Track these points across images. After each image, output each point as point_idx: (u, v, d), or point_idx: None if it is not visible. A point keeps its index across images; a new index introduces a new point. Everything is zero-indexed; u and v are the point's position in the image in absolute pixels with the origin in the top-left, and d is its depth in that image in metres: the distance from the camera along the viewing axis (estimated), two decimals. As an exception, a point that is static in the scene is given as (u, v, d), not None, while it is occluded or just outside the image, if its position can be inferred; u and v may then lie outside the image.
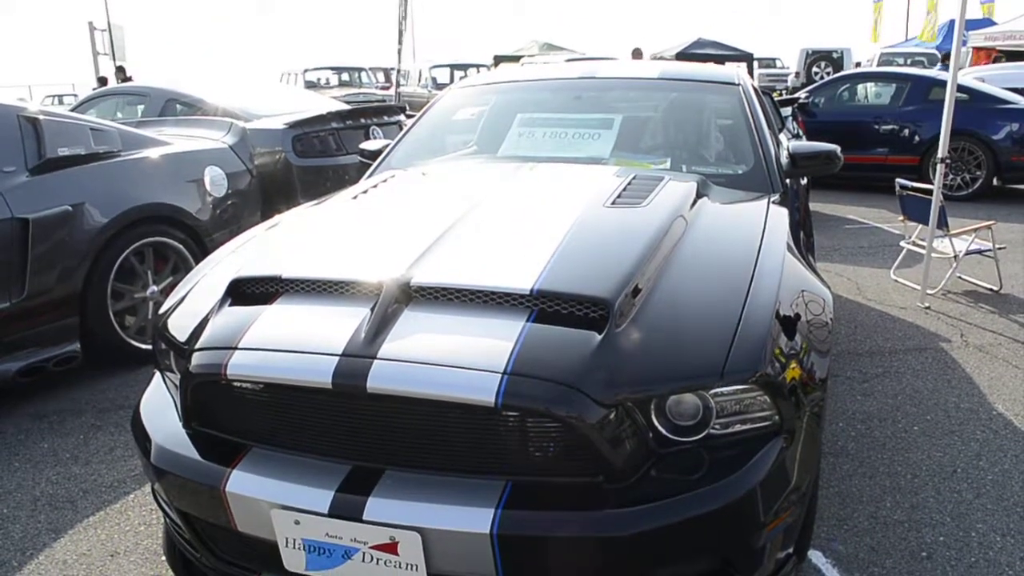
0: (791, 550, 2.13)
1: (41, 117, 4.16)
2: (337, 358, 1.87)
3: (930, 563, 2.63)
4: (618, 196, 2.66)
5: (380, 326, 1.93)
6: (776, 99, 7.98)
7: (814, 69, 22.64)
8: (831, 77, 12.32)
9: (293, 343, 1.95)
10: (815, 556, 2.66)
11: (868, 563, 2.63)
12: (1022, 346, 4.65)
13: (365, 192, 3.04)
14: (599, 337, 1.85)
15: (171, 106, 6.46)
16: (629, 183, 2.80)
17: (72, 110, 7.40)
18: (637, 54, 17.32)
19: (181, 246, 4.57)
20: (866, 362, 4.42)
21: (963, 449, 3.41)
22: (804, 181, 4.41)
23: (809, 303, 2.31)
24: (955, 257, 5.57)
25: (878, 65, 20.60)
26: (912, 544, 2.73)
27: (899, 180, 5.92)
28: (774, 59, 30.15)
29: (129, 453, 3.45)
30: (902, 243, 6.15)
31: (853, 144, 8.95)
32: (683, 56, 20.65)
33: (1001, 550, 2.70)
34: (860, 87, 10.92)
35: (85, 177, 4.20)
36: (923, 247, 5.64)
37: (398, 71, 11.16)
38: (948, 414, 3.75)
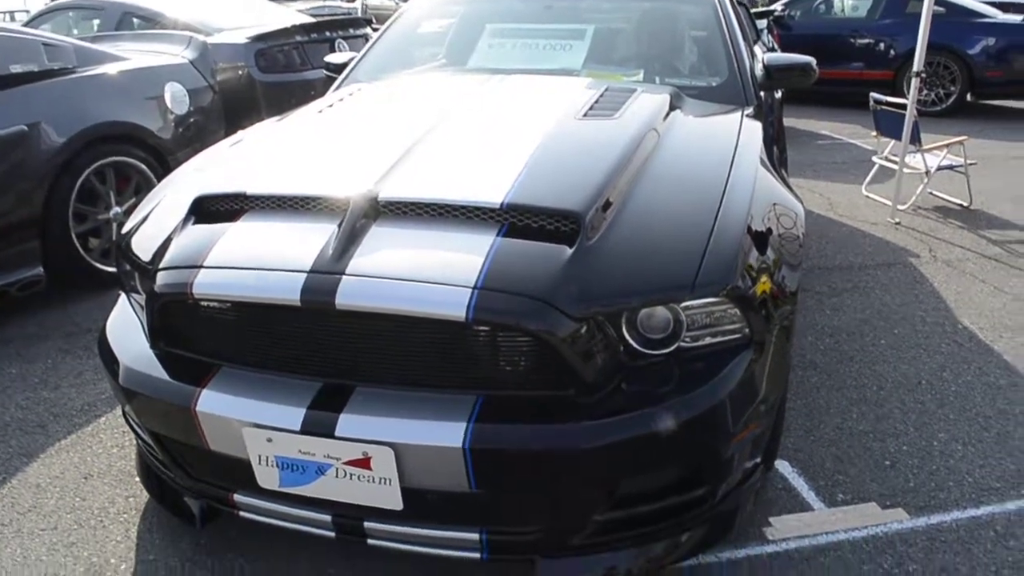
0: (759, 460, 2.17)
1: (-10, 33, 3.99)
2: (305, 275, 1.83)
3: (893, 471, 2.69)
4: (590, 108, 2.61)
5: (348, 242, 1.89)
6: (752, 12, 7.83)
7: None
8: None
9: (260, 260, 1.92)
10: (782, 465, 2.72)
11: (834, 471, 2.69)
12: (989, 261, 4.71)
13: (331, 106, 2.95)
14: (570, 251, 1.83)
15: (127, 20, 6.22)
16: (601, 95, 2.74)
17: (24, 26, 7.10)
18: None
19: (143, 166, 4.45)
20: (836, 277, 4.46)
21: (928, 362, 3.47)
22: (778, 95, 4.36)
23: (781, 217, 2.30)
24: (927, 173, 5.58)
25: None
26: (876, 453, 2.79)
27: (873, 95, 5.88)
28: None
29: (98, 376, 3.42)
30: (874, 159, 6.14)
31: (828, 58, 8.84)
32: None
33: (962, 458, 2.77)
34: (837, 0, 10.75)
35: (40, 95, 4.04)
36: (895, 163, 5.64)
37: None
38: (915, 328, 3.80)
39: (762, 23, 7.89)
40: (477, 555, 1.95)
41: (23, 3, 22.90)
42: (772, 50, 7.44)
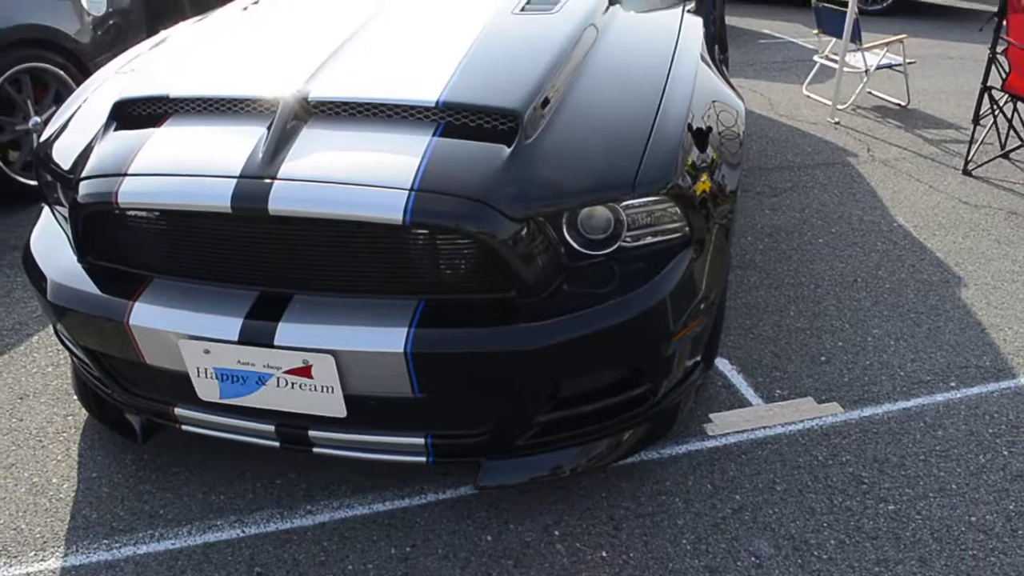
0: (699, 358, 2.20)
1: None
2: (235, 180, 1.77)
3: (829, 367, 2.77)
4: (527, 2, 2.53)
5: (279, 145, 1.82)
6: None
7: None
8: None
9: (187, 166, 1.84)
10: (722, 363, 2.78)
11: (771, 368, 2.76)
12: (925, 160, 4.78)
13: (256, 3, 2.81)
14: (508, 150, 1.79)
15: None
16: (539, -10, 2.65)
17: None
18: None
19: (61, 71, 4.21)
20: (775, 177, 4.49)
21: (864, 260, 3.54)
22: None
23: (721, 114, 2.28)
24: (866, 72, 5.59)
25: None
26: (812, 350, 2.87)
27: (815, -8, 5.83)
28: None
29: (27, 295, 3.31)
30: (815, 58, 6.13)
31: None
32: None
33: (894, 353, 2.86)
34: None
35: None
36: (836, 62, 5.63)
37: None
38: (852, 226, 3.87)
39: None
40: (423, 459, 1.97)
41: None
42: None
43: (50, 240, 2.23)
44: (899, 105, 5.82)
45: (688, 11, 2.82)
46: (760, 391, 2.64)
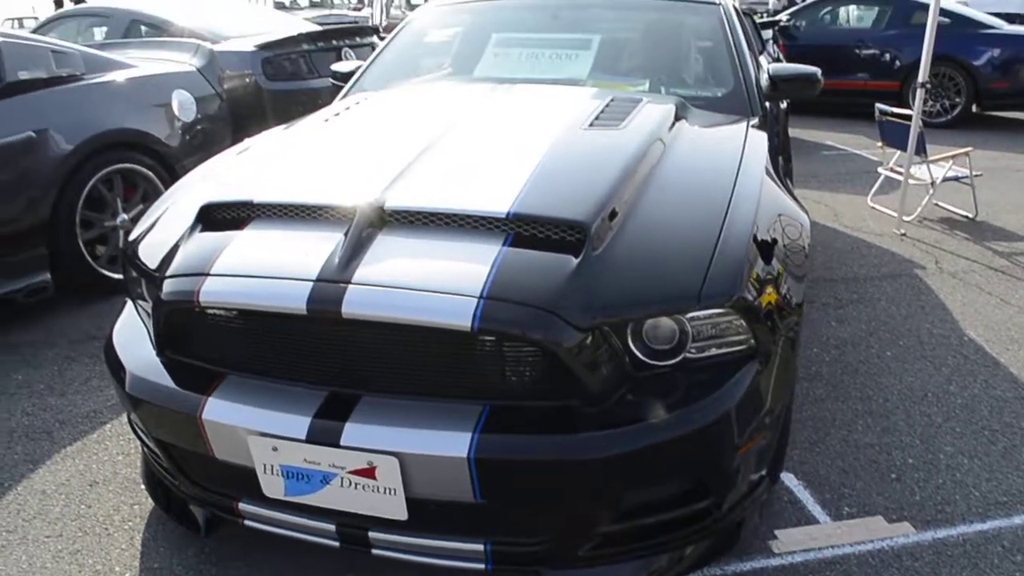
0: (764, 472, 2.16)
1: (0, 39, 4.00)
2: (311, 283, 1.84)
3: (899, 484, 2.68)
4: (595, 118, 2.61)
5: (354, 250, 1.89)
6: (757, 22, 7.84)
7: (795, -8, 22.23)
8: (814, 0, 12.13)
9: (266, 268, 1.92)
10: (788, 478, 2.71)
11: (839, 484, 2.68)
12: (995, 272, 4.69)
13: (337, 115, 2.96)
14: (576, 261, 1.83)
15: (135, 27, 6.24)
16: (607, 105, 2.74)
17: (33, 32, 7.14)
18: None
19: (150, 173, 4.47)
20: (841, 288, 4.45)
21: (934, 374, 3.46)
22: (784, 105, 4.37)
23: (786, 227, 2.30)
24: (932, 184, 5.57)
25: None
26: (882, 466, 2.78)
27: (879, 105, 5.88)
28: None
29: (105, 383, 3.43)
30: (880, 169, 6.14)
31: (834, 69, 8.86)
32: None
33: (968, 471, 2.76)
34: (842, 10, 10.75)
35: (48, 102, 4.06)
36: (901, 173, 5.63)
37: None
38: (921, 340, 3.80)
39: (767, 33, 7.92)
40: (481, 566, 1.95)
41: (31, 9, 23.03)
42: (777, 60, 7.45)
43: (131, 333, 2.32)
44: (967, 217, 5.76)
45: (752, 126, 2.88)
46: (828, 508, 2.56)
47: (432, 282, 1.78)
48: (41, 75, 4.08)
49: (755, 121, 2.98)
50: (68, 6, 17.78)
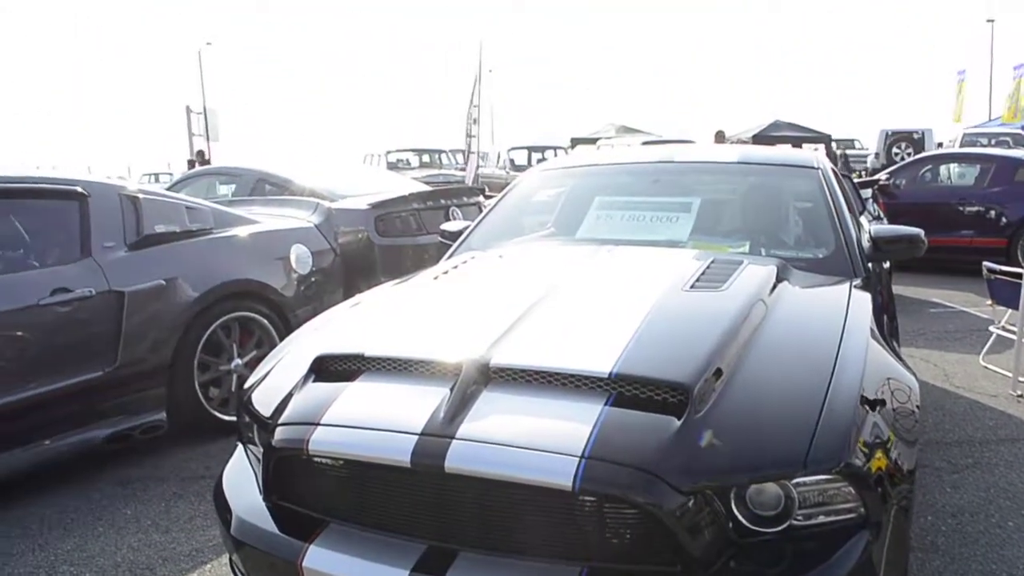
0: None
1: (141, 196, 4.39)
2: (416, 437, 1.90)
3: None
4: (697, 280, 2.66)
5: (459, 406, 1.95)
6: (856, 180, 7.89)
7: (894, 150, 22.27)
8: (913, 158, 12.15)
9: (374, 420, 1.99)
10: (905, 660, 2.52)
11: (964, 670, 2.48)
12: None
13: (446, 273, 3.10)
14: (678, 422, 1.84)
15: (261, 186, 6.74)
16: (708, 267, 2.79)
17: (169, 188, 7.79)
18: (720, 137, 17.48)
19: (266, 321, 4.71)
20: (955, 452, 4.23)
21: (1064, 549, 3.21)
22: (886, 264, 4.33)
23: (895, 391, 2.25)
24: (1050, 344, 5.33)
25: (961, 145, 20.21)
26: (1011, 651, 2.57)
27: (986, 263, 5.75)
28: (852, 140, 29.90)
29: (208, 523, 3.52)
30: (991, 328, 5.93)
31: (937, 226, 8.74)
32: (760, 139, 20.67)
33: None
34: (943, 168, 10.73)
35: (179, 253, 4.40)
36: (1014, 332, 5.42)
37: (469, 153, 11.36)
38: (1047, 511, 3.55)
39: (867, 192, 7.93)
40: None
41: (167, 165, 25.12)
42: (878, 219, 7.42)
43: (240, 477, 2.41)
44: (1091, 380, 5.45)
45: (855, 287, 2.87)
46: None
47: (534, 440, 1.82)
48: (175, 229, 4.43)
49: (858, 282, 2.97)
50: (196, 164, 19.59)
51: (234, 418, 4.18)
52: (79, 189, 4.16)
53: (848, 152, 23.98)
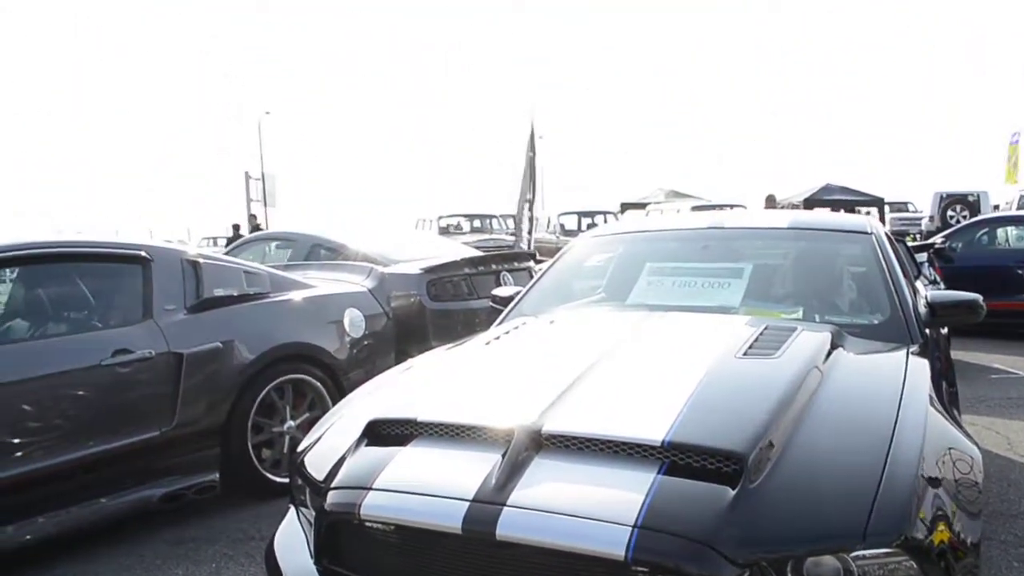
0: None
1: (201, 260, 4.53)
2: (468, 503, 1.90)
3: None
4: (750, 346, 2.64)
5: (511, 473, 1.96)
6: (910, 244, 7.78)
7: (949, 213, 21.97)
8: (969, 221, 11.94)
9: (425, 486, 2.01)
10: None
11: None
12: None
13: (498, 338, 3.12)
14: (733, 492, 1.82)
15: (316, 251, 6.89)
16: (761, 333, 2.77)
17: (227, 252, 8.00)
18: (771, 201, 17.46)
19: (319, 383, 4.77)
20: (1022, 525, 4.07)
21: None
22: (944, 329, 4.25)
23: (956, 460, 2.20)
24: (1120, 414, 5.14)
25: (1018, 208, 19.83)
26: None
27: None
28: (906, 203, 29.56)
29: (255, 586, 3.52)
30: (1058, 396, 5.73)
31: (996, 290, 8.54)
32: (811, 202, 20.55)
33: None
34: (1001, 231, 10.52)
35: (236, 316, 4.50)
36: (1082, 402, 5.24)
37: (526, 218, 11.48)
38: (1124, 590, 3.38)
39: (922, 256, 7.81)
40: None
41: (225, 229, 25.78)
42: (934, 283, 7.30)
43: (291, 539, 2.43)
44: None
45: (912, 353, 2.82)
46: None
47: (586, 509, 1.81)
48: (233, 292, 4.55)
49: (915, 348, 2.92)
50: (246, 229, 20.18)
51: (286, 480, 4.23)
52: (143, 254, 4.31)
53: (902, 215, 23.73)
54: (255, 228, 19.19)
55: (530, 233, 10.33)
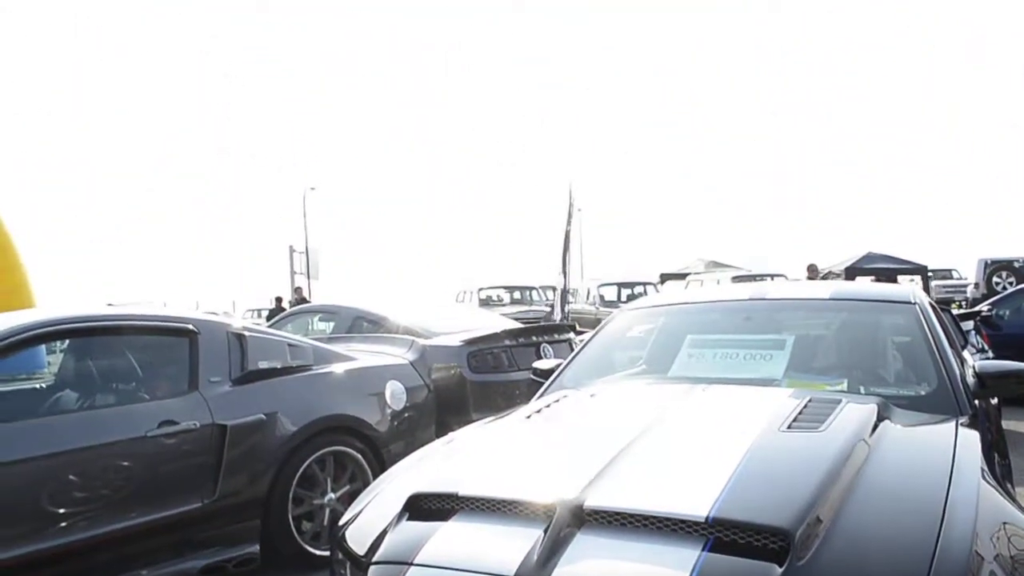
0: None
1: (246, 333, 4.62)
2: None
3: None
4: (794, 420, 2.60)
5: (552, 549, 1.94)
6: (955, 312, 7.65)
7: (995, 279, 21.55)
8: (1017, 288, 11.72)
9: (467, 562, 2.00)
10: None
11: None
12: None
13: (539, 412, 3.11)
14: (780, 570, 1.78)
15: (359, 323, 6.98)
16: (805, 406, 2.73)
17: (271, 324, 8.13)
18: (812, 270, 17.38)
19: (359, 455, 4.78)
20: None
21: None
22: (995, 400, 4.15)
23: (1011, 536, 2.13)
24: None
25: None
26: None
27: (1107, 400, 5.43)
28: (950, 270, 29.14)
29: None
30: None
31: (1049, 358, 8.32)
32: (853, 271, 20.35)
33: None
34: (1049, 297, 10.30)
35: (280, 388, 4.56)
36: None
37: (562, 290, 11.52)
38: None
39: (968, 324, 7.67)
40: None
41: (269, 301, 26.19)
42: (982, 351, 7.15)
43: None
44: None
45: (962, 424, 2.76)
46: None
47: None
48: (277, 365, 4.62)
49: (964, 419, 2.86)
50: (288, 301, 20.42)
51: (326, 552, 4.20)
52: (191, 327, 4.41)
53: (946, 283, 23.33)
54: (300, 301, 19.44)
55: (563, 305, 10.36)
